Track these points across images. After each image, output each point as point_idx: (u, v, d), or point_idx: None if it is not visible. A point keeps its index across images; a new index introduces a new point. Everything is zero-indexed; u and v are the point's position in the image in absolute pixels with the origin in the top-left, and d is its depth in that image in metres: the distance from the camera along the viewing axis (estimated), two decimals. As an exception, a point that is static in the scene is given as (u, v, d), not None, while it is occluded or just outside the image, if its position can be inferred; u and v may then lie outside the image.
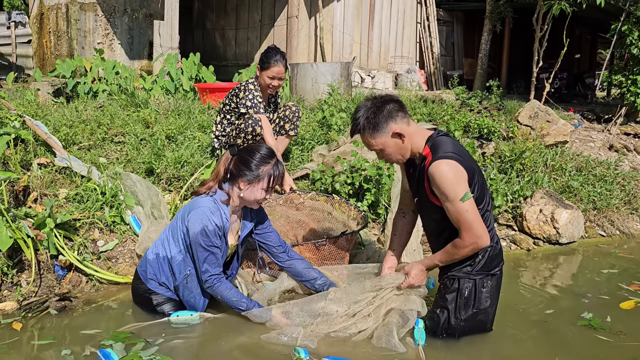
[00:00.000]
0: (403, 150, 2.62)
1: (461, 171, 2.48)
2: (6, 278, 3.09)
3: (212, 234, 2.65)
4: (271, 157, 2.74)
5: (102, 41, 9.64)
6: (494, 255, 2.69)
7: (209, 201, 2.71)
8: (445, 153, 2.50)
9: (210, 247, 2.66)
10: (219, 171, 2.80)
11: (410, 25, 12.62)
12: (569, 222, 4.60)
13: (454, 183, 2.45)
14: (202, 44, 12.36)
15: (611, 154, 6.74)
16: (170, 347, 2.55)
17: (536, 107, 6.23)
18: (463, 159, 2.51)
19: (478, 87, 11.04)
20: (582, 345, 2.79)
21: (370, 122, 2.56)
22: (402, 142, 2.59)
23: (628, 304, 3.36)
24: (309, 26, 10.54)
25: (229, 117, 4.34)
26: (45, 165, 3.99)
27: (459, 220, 2.49)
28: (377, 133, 2.57)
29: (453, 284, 2.70)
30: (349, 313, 2.70)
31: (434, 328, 2.74)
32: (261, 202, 2.79)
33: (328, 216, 3.74)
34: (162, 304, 2.85)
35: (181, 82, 7.43)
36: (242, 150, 2.79)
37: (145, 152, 4.47)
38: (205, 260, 2.67)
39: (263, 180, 2.71)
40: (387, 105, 2.58)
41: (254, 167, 2.70)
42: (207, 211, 2.66)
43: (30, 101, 5.35)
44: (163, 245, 2.83)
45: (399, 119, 2.57)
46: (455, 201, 2.46)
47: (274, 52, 4.15)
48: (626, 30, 7.53)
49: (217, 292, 2.70)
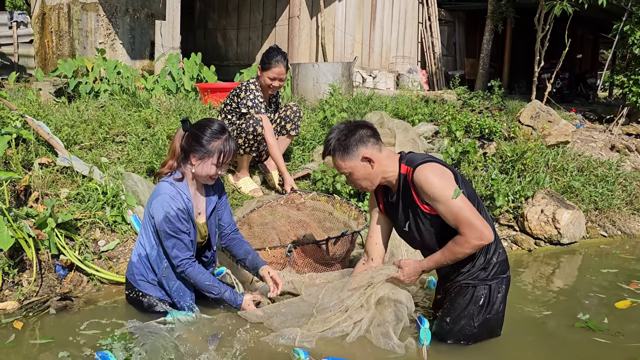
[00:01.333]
0: (372, 176, 2.59)
1: (445, 171, 2.49)
2: (7, 277, 3.10)
3: (175, 219, 2.67)
4: (222, 132, 2.74)
5: (104, 41, 9.65)
6: (505, 258, 2.68)
7: (167, 186, 2.73)
8: (423, 160, 2.52)
9: (176, 233, 2.68)
10: (175, 148, 2.80)
11: (412, 25, 12.62)
12: (570, 223, 4.59)
13: (441, 183, 2.44)
14: (204, 44, 12.37)
15: (613, 154, 6.73)
16: (167, 347, 2.55)
17: (538, 107, 6.22)
18: (441, 163, 2.53)
19: (479, 87, 11.04)
20: (581, 348, 2.78)
21: (341, 145, 2.56)
22: (372, 167, 2.56)
23: (623, 303, 3.36)
24: (311, 26, 10.54)
25: (230, 117, 4.34)
26: (47, 165, 3.99)
27: (457, 219, 2.44)
28: (346, 156, 2.56)
29: (466, 292, 2.63)
30: (342, 309, 2.68)
31: (441, 335, 2.69)
32: (214, 177, 2.80)
33: (329, 216, 3.73)
34: (154, 305, 2.85)
35: (183, 82, 7.44)
36: (194, 126, 2.79)
37: (146, 152, 4.48)
38: (174, 247, 2.70)
39: (213, 156, 2.72)
40: (359, 130, 2.58)
41: (205, 142, 2.71)
42: (167, 197, 2.68)
43: (32, 101, 5.35)
44: (141, 243, 2.86)
45: (370, 145, 2.57)
46: (448, 201, 2.43)
47: (275, 52, 4.15)
48: (628, 30, 7.52)
49: (190, 276, 2.74)
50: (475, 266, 2.61)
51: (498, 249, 2.64)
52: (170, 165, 2.80)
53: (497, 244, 2.66)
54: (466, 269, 2.63)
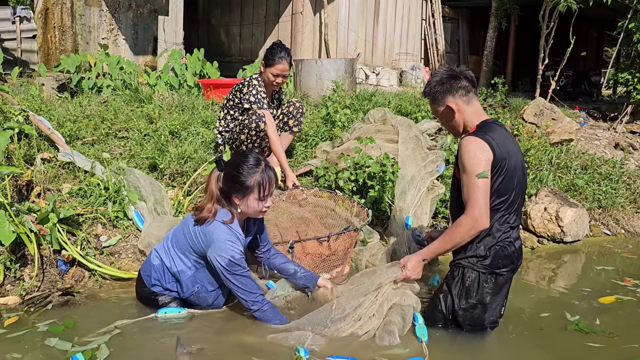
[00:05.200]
0: (455, 124, 2.76)
1: (487, 150, 2.55)
2: (9, 272, 3.10)
3: (240, 262, 2.64)
4: (257, 165, 2.68)
5: (107, 36, 9.63)
6: (503, 255, 2.67)
7: (224, 230, 2.66)
8: (484, 134, 2.60)
9: (243, 273, 2.65)
10: (212, 191, 2.73)
11: (415, 22, 12.57)
12: (573, 221, 4.57)
13: (475, 157, 2.54)
14: (207, 40, 12.35)
15: (617, 152, 6.70)
16: (163, 344, 2.55)
17: (541, 104, 6.19)
18: (497, 145, 2.58)
19: (483, 84, 10.99)
20: (577, 350, 2.74)
21: (432, 91, 2.77)
22: (454, 116, 2.72)
23: (608, 299, 3.36)
24: (314, 22, 10.51)
25: (232, 112, 4.32)
26: (49, 160, 3.99)
27: (468, 194, 2.56)
28: (434, 101, 2.78)
29: (458, 272, 2.73)
30: (355, 318, 2.68)
31: (432, 312, 2.77)
32: (263, 210, 2.75)
33: (331, 212, 3.72)
34: (169, 303, 2.85)
35: (185, 77, 7.43)
36: (228, 165, 2.74)
37: (148, 147, 4.47)
38: (246, 286, 2.66)
39: (254, 192, 2.67)
40: (455, 80, 2.72)
41: (244, 180, 2.66)
42: (229, 243, 2.63)
43: (34, 96, 5.35)
44: (169, 255, 2.81)
45: (458, 96, 2.72)
46: (472, 175, 2.54)
47: (278, 48, 4.13)
48: (633, 28, 7.48)
49: (265, 314, 2.69)
50: (471, 251, 2.69)
51: (496, 245, 2.66)
52: (209, 209, 2.71)
53: (499, 240, 2.66)
54: (466, 249, 2.71)
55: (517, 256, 2.74)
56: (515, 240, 2.72)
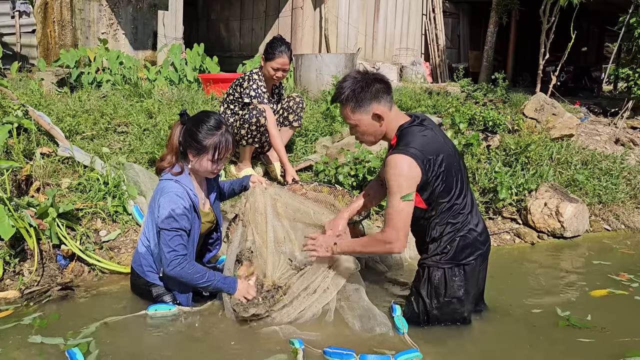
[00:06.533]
0: (377, 132, 2.61)
1: (414, 169, 2.44)
2: (8, 267, 3.10)
3: (180, 217, 2.64)
4: (218, 127, 2.71)
5: (106, 31, 9.61)
6: (465, 244, 2.63)
7: (173, 185, 2.69)
8: (407, 147, 2.47)
9: (177, 230, 2.63)
10: (173, 143, 2.78)
11: (416, 17, 12.54)
12: (573, 216, 4.57)
13: (401, 179, 2.44)
14: (207, 35, 12.31)
15: (617, 147, 6.69)
16: (157, 341, 2.55)
17: (542, 100, 6.18)
18: (423, 153, 2.46)
19: (483, 79, 10.97)
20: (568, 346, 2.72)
21: (356, 96, 2.53)
22: (380, 125, 2.58)
23: (599, 292, 3.35)
24: (314, 17, 10.48)
25: (232, 107, 4.31)
26: (48, 154, 3.98)
27: (389, 215, 2.47)
28: (358, 109, 2.55)
29: (424, 273, 2.70)
30: (309, 291, 2.74)
31: (410, 315, 2.75)
32: (214, 172, 2.79)
33: (331, 207, 3.71)
34: (162, 294, 2.84)
35: (185, 72, 7.41)
36: (190, 120, 2.77)
37: (148, 142, 4.46)
38: (171, 241, 2.62)
39: (209, 152, 2.70)
40: (376, 84, 2.55)
41: (201, 139, 2.69)
42: (174, 196, 2.65)
43: (33, 91, 5.34)
44: (147, 237, 2.83)
45: (383, 102, 2.56)
46: (396, 196, 2.44)
47: (279, 43, 4.11)
48: (634, 23, 7.45)
49: (184, 270, 2.63)
50: (433, 250, 2.66)
51: (456, 236, 2.62)
52: (169, 160, 2.79)
53: (457, 231, 2.62)
54: (428, 250, 2.68)
55: (482, 241, 2.68)
56: (477, 225, 2.65)
